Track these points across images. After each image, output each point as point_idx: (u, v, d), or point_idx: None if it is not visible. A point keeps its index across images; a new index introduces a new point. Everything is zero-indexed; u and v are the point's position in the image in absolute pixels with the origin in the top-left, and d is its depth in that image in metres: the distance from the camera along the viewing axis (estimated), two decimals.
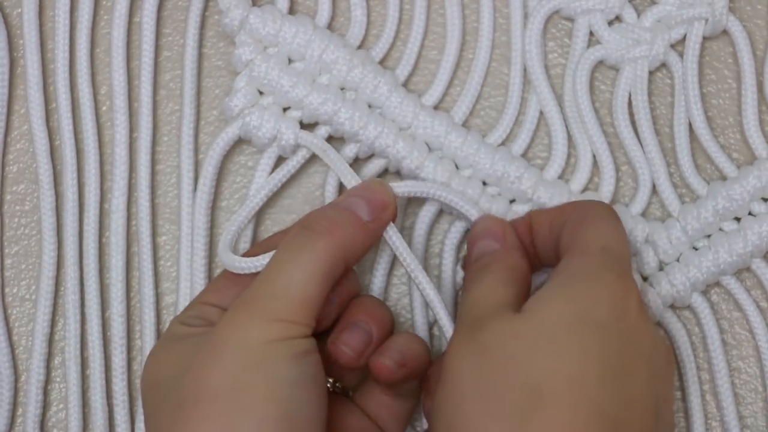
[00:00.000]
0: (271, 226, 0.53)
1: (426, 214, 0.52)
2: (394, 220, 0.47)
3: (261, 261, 0.45)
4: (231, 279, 0.47)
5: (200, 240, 0.51)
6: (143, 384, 0.44)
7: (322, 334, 0.46)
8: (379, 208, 0.46)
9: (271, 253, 0.45)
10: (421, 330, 0.51)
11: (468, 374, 0.41)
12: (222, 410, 0.40)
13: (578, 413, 0.39)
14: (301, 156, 0.51)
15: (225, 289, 0.46)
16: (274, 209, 0.53)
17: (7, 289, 0.53)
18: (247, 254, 0.47)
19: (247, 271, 0.46)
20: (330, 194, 0.51)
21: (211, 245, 0.52)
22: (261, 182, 0.51)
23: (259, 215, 0.53)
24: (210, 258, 0.52)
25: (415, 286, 0.50)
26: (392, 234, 0.47)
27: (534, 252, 0.48)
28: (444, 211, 0.52)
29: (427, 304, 0.50)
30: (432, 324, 0.51)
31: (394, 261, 0.52)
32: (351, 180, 0.48)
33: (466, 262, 0.48)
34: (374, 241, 0.46)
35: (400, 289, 0.53)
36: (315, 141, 0.50)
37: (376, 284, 0.51)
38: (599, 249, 0.44)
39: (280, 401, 0.40)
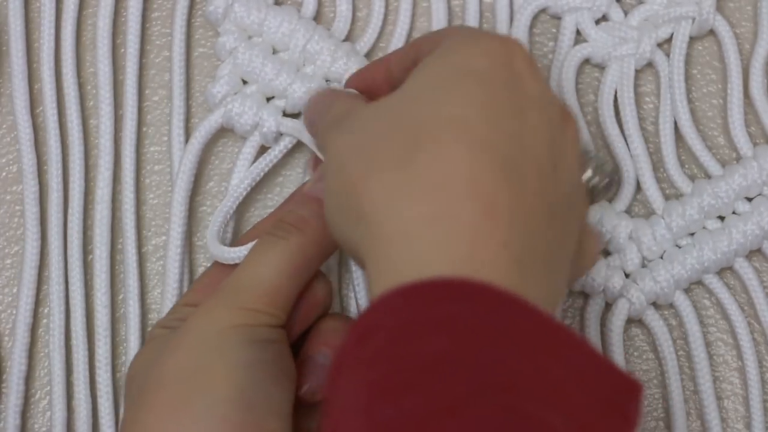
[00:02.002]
0: None
1: None
2: None
3: (247, 250, 0.46)
4: (213, 276, 0.47)
5: (177, 229, 0.51)
6: (125, 387, 0.45)
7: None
8: None
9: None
10: None
11: (345, 148, 0.40)
12: (180, 392, 0.40)
13: (463, 147, 0.37)
14: (283, 145, 0.51)
15: (207, 288, 0.46)
16: (273, 209, 0.53)
17: (6, 289, 0.53)
18: (234, 245, 0.48)
19: (236, 261, 0.46)
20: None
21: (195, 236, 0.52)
22: (243, 170, 0.51)
23: (257, 216, 0.53)
24: (188, 247, 0.52)
25: None
26: None
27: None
28: None
29: None
30: None
31: None
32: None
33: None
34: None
35: None
36: (297, 126, 0.50)
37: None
38: (460, 29, 0.43)
39: (237, 384, 0.40)
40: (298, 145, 0.51)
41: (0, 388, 0.51)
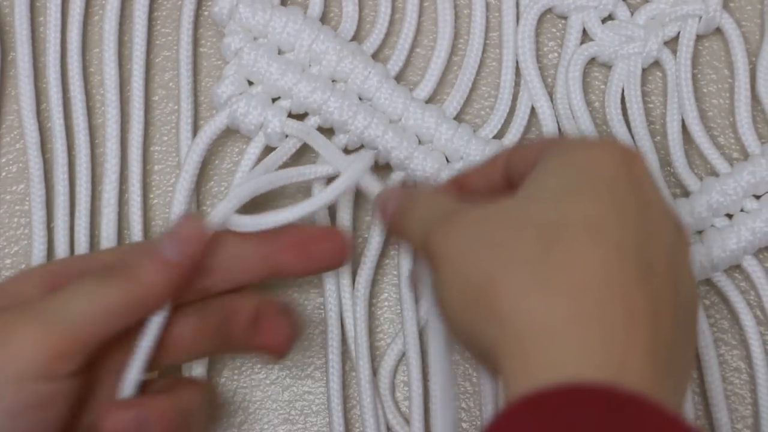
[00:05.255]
0: None
1: None
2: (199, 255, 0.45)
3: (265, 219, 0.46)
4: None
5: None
6: None
7: None
8: (185, 244, 0.44)
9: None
10: (411, 330, 0.50)
11: (466, 246, 0.39)
12: None
13: (599, 248, 0.36)
14: (290, 145, 0.50)
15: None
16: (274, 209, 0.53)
17: None
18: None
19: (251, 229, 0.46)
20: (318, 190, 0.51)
21: None
22: (246, 170, 0.51)
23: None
24: None
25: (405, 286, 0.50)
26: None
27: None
28: None
29: (418, 303, 0.50)
30: (425, 323, 0.51)
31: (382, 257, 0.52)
32: (341, 163, 0.48)
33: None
34: (185, 277, 0.45)
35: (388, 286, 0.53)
36: (301, 127, 0.50)
37: (363, 277, 0.51)
38: (560, 140, 0.43)
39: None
40: (300, 149, 0.51)
41: None
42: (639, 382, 0.35)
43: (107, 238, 0.51)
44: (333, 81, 0.51)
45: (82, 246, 0.51)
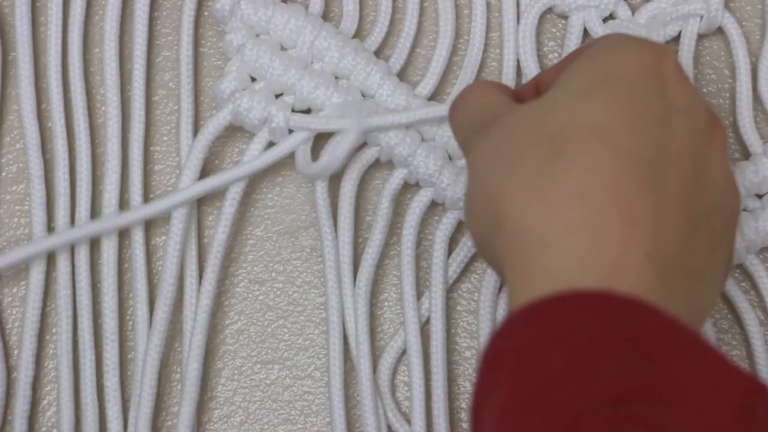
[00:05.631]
0: (270, 226, 0.53)
1: (417, 204, 0.51)
2: None
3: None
4: None
5: (179, 224, 0.50)
6: None
7: None
8: None
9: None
10: (412, 327, 0.50)
11: (487, 156, 0.40)
12: None
13: (603, 154, 0.37)
14: (295, 140, 0.50)
15: None
16: (274, 209, 0.53)
17: (6, 290, 0.52)
18: None
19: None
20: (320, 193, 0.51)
21: (200, 238, 0.52)
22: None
23: (257, 216, 0.53)
24: (199, 250, 0.52)
25: (407, 282, 0.50)
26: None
27: None
28: (436, 201, 0.52)
29: (419, 300, 0.50)
30: (424, 322, 0.51)
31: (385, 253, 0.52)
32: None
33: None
34: None
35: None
36: (306, 120, 0.50)
37: (364, 276, 0.51)
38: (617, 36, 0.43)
39: None
40: None
41: (9, 393, 0.51)
42: (634, 285, 0.35)
43: (108, 239, 0.51)
44: (335, 78, 0.51)
45: (81, 246, 0.51)
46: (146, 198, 0.52)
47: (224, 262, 0.52)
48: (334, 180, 0.51)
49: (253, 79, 0.51)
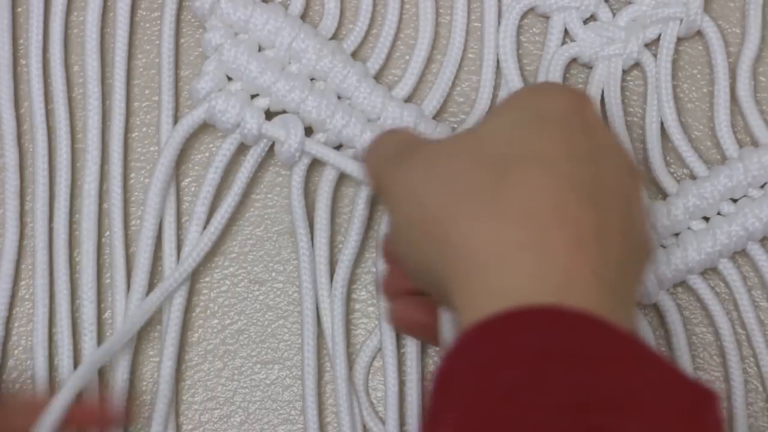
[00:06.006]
0: (270, 226, 0.53)
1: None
2: None
3: None
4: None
5: (150, 221, 0.51)
6: None
7: None
8: None
9: None
10: (387, 330, 0.51)
11: (422, 180, 0.40)
12: None
13: (546, 179, 0.38)
14: (262, 147, 0.51)
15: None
16: (274, 209, 0.53)
17: None
18: None
19: None
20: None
21: (179, 235, 0.52)
22: (220, 167, 0.51)
23: (257, 216, 0.53)
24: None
25: None
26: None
27: None
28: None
29: None
30: None
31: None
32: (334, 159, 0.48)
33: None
34: None
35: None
36: (277, 128, 0.50)
37: (341, 275, 0.51)
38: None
39: None
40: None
41: None
42: (583, 301, 0.36)
43: (87, 229, 0.51)
44: (312, 79, 0.51)
45: (60, 237, 0.51)
46: (126, 189, 0.52)
47: (223, 262, 0.53)
48: (312, 181, 0.52)
49: (230, 78, 0.51)
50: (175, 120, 0.52)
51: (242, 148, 0.52)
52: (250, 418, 0.52)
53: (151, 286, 0.51)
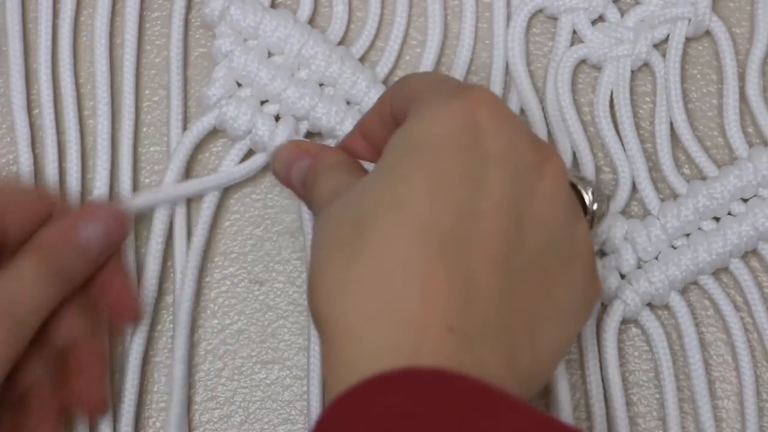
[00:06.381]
0: (270, 226, 0.53)
1: None
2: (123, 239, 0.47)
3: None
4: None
5: (159, 226, 0.51)
6: None
7: None
8: (110, 230, 0.46)
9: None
10: None
11: (317, 233, 0.40)
12: None
13: (403, 232, 0.36)
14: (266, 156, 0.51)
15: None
16: (274, 209, 0.53)
17: None
18: None
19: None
20: None
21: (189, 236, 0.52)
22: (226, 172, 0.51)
23: (257, 215, 0.53)
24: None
25: None
26: None
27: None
28: None
29: None
30: None
31: None
32: None
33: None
34: (101, 261, 0.46)
35: None
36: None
37: None
38: (428, 87, 0.41)
39: None
40: None
41: None
42: (437, 358, 0.35)
43: None
44: (321, 85, 0.51)
45: None
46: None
47: (223, 262, 0.53)
48: None
49: (239, 84, 0.51)
50: (185, 124, 0.53)
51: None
52: (250, 418, 0.52)
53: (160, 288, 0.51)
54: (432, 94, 0.41)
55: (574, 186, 0.44)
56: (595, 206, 0.45)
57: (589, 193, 0.45)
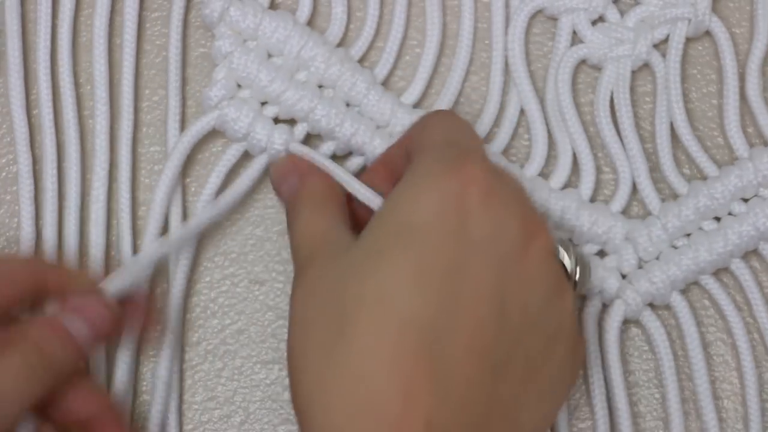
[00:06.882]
0: (270, 226, 0.53)
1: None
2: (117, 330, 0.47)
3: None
4: None
5: (154, 224, 0.51)
6: None
7: None
8: (97, 326, 0.45)
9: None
10: None
11: (297, 310, 0.40)
12: None
13: (385, 327, 0.37)
14: (256, 167, 0.51)
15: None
16: (274, 209, 0.53)
17: None
18: None
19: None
20: None
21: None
22: (221, 173, 0.51)
23: (257, 216, 0.53)
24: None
25: None
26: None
27: None
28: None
29: None
30: None
31: None
32: (343, 176, 0.48)
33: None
34: (88, 354, 0.46)
35: None
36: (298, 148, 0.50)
37: None
38: (432, 144, 0.41)
39: None
40: None
41: None
42: None
43: (96, 234, 0.51)
44: (320, 86, 0.51)
45: (71, 242, 0.51)
46: (138, 196, 0.53)
47: (223, 262, 0.53)
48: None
49: (239, 85, 0.51)
50: (183, 124, 0.53)
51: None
52: (250, 418, 0.52)
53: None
54: (431, 159, 0.41)
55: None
56: (577, 276, 0.44)
57: (572, 260, 0.44)
